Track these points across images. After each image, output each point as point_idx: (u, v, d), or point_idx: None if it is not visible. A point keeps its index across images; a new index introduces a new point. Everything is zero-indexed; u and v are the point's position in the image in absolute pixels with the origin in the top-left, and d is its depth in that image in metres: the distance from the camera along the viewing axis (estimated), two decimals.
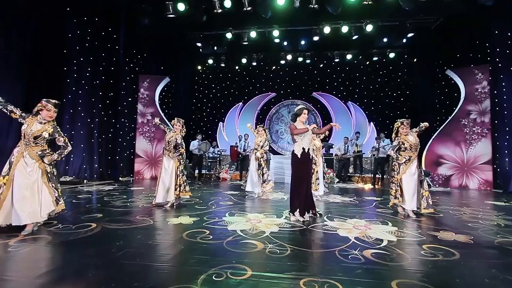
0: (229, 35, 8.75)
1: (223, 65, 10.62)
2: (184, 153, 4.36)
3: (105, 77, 7.44)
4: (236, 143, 9.20)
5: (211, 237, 2.61)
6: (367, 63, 10.51)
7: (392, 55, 9.81)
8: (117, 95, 7.86)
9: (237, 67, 11.21)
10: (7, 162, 2.67)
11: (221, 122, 11.31)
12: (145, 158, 8.46)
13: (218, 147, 9.89)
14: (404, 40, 8.69)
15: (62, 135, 2.89)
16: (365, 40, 8.67)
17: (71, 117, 7.16)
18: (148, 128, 8.59)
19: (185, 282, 1.68)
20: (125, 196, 4.97)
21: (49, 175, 2.81)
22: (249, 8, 7.07)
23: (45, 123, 2.78)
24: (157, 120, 4.42)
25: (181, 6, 7.17)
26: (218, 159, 9.28)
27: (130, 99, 8.54)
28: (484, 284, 1.75)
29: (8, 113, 2.72)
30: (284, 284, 1.67)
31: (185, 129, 4.34)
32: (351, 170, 9.12)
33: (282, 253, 2.21)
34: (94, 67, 7.31)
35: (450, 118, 7.90)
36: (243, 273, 1.79)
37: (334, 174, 8.32)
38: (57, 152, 2.87)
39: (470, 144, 7.51)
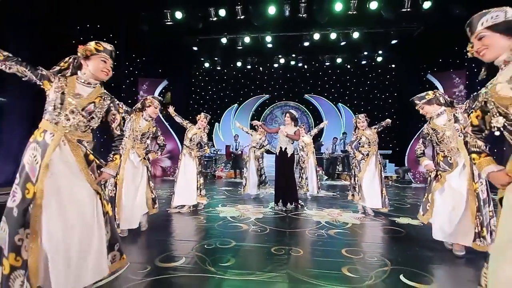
0: (224, 40, 9.23)
1: (218, 68, 11.11)
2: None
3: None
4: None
5: (205, 221, 3.12)
6: (356, 67, 11.06)
7: (379, 59, 10.36)
8: (117, 97, 8.30)
9: (232, 70, 11.69)
10: None
11: (217, 123, 11.79)
12: None
13: (214, 146, 10.38)
14: (389, 46, 9.26)
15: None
16: (353, 45, 9.21)
17: None
18: None
19: (184, 250, 2.18)
20: None
21: (150, 174, 2.66)
22: (242, 17, 7.57)
23: (149, 121, 2.66)
24: (171, 110, 3.95)
25: (178, 15, 7.66)
26: (214, 158, 9.79)
27: (129, 101, 8.98)
28: (414, 251, 2.27)
29: None
30: (259, 250, 2.18)
31: (208, 127, 3.99)
32: (340, 168, 9.68)
33: (262, 232, 2.73)
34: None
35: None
36: (229, 244, 2.31)
37: (323, 172, 8.86)
38: (159, 149, 2.80)
39: None
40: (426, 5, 6.95)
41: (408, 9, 7.01)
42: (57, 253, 1.24)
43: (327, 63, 10.68)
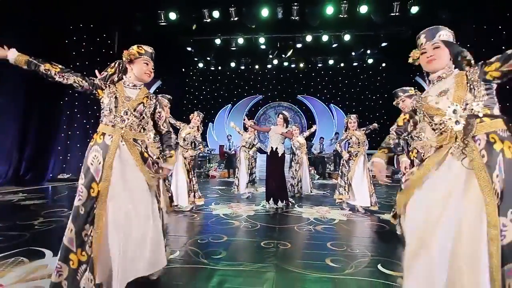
0: (218, 41, 9.33)
1: (212, 68, 11.20)
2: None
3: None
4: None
5: (198, 218, 3.24)
6: (347, 68, 11.30)
7: (370, 61, 10.61)
8: None
9: (226, 71, 11.79)
10: None
11: (210, 123, 11.88)
12: None
13: (207, 146, 10.47)
14: (379, 49, 9.50)
15: None
16: (344, 47, 9.42)
17: (68, 119, 7.60)
18: None
19: (179, 245, 2.29)
20: None
21: None
22: (236, 18, 7.68)
23: None
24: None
25: (172, 15, 7.73)
26: (207, 157, 9.88)
27: None
28: (393, 244, 2.43)
29: None
30: (250, 244, 2.32)
31: (202, 128, 4.03)
32: (332, 167, 9.88)
33: (253, 228, 2.86)
34: (89, 71, 7.69)
35: None
36: (221, 238, 2.43)
37: (315, 171, 9.05)
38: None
39: None
40: (414, 10, 7.19)
41: (397, 13, 7.25)
42: (117, 247, 1.33)
43: (320, 65, 10.88)
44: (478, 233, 1.00)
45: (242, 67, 11.06)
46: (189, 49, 9.91)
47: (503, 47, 6.76)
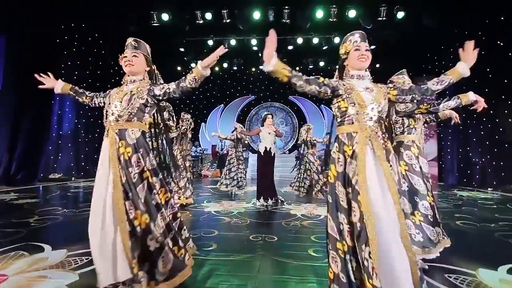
0: (210, 42, 9.44)
1: None
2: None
3: (91, 80, 7.88)
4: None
5: (191, 215, 3.37)
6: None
7: None
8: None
9: (218, 71, 11.88)
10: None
11: (203, 123, 11.96)
12: None
13: (200, 146, 10.56)
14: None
15: None
16: (335, 50, 9.63)
17: (59, 119, 7.58)
18: None
19: None
20: None
21: None
22: (228, 20, 7.82)
23: None
24: None
25: (165, 16, 7.80)
26: (200, 157, 9.97)
27: None
28: None
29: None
30: (239, 238, 2.47)
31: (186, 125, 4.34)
32: (323, 167, 10.11)
33: (243, 223, 3.01)
34: (81, 70, 7.74)
35: None
36: (212, 233, 2.58)
37: None
38: None
39: None
40: (400, 15, 7.48)
41: (384, 18, 7.52)
42: (113, 239, 1.40)
43: (311, 66, 11.09)
44: (391, 212, 1.23)
45: (235, 68, 11.18)
46: (181, 49, 9.96)
47: (483, 52, 7.12)
